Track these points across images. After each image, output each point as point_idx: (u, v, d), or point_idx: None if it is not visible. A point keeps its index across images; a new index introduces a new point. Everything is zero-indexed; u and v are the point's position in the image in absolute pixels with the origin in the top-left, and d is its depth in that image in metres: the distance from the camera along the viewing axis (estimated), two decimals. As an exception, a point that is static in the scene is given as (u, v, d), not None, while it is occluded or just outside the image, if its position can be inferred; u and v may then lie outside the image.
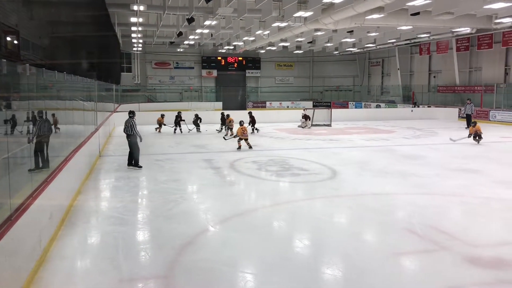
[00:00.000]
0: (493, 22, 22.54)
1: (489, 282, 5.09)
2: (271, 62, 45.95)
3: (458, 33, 27.13)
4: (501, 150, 15.33)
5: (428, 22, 21.61)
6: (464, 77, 31.58)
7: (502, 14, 20.36)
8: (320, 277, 5.32)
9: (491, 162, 12.77)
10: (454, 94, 32.00)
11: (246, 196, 9.63)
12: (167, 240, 6.44)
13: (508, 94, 27.57)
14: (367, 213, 7.90)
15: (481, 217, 7.64)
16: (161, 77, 43.52)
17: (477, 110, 26.63)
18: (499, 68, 28.60)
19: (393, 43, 33.33)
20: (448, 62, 32.40)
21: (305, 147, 16.37)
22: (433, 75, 35.50)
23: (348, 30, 26.55)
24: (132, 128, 11.72)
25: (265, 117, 26.64)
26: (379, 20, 20.76)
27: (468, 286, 5.03)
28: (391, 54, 39.33)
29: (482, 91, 28.85)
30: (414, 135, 20.04)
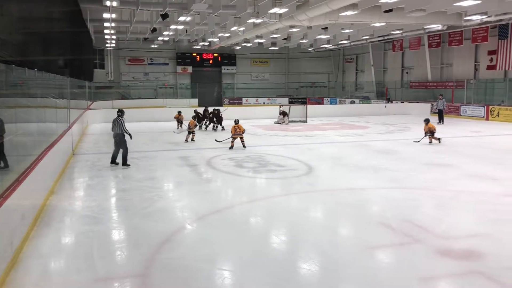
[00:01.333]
0: (463, 19, 23.11)
1: (460, 273, 5.24)
2: (246, 59, 45.93)
3: (430, 30, 27.68)
4: (471, 145, 15.74)
5: (401, 19, 21.97)
6: (436, 73, 32.25)
7: (472, 12, 20.86)
8: (297, 272, 5.38)
9: (462, 156, 13.10)
10: (426, 90, 32.64)
11: (223, 193, 9.63)
12: (144, 239, 6.39)
13: (478, 89, 28.31)
14: (342, 208, 8.02)
15: (452, 210, 7.85)
16: (135, 74, 42.97)
17: (449, 105, 27.25)
18: (469, 64, 29.32)
19: (366, 40, 33.76)
20: (420, 58, 33.02)
21: (281, 143, 16.46)
22: (406, 71, 36.12)
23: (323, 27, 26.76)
24: (121, 126, 11.56)
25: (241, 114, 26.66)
26: (353, 17, 21.00)
27: (440, 277, 5.16)
28: (364, 50, 39.83)
29: (453, 86, 29.52)
30: (387, 131, 20.38)
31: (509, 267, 5.30)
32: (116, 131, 11.65)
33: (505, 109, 24.21)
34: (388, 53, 37.95)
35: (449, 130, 20.26)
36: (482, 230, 6.75)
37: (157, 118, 25.88)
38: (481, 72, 28.44)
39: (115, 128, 11.66)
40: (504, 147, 15.06)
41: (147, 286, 4.99)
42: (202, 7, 19.92)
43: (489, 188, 9.17)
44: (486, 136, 18.19)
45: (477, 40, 27.13)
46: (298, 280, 5.15)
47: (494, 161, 12.36)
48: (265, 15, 20.61)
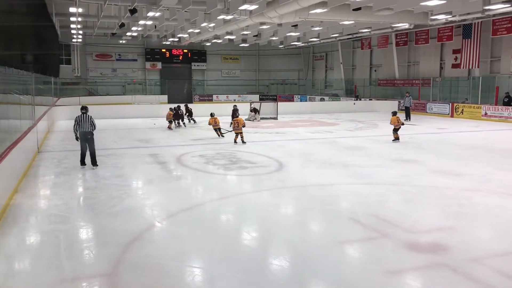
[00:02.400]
0: (429, 18, 23.66)
1: (427, 265, 5.37)
2: (217, 55, 45.72)
3: (397, 29, 28.21)
4: (437, 141, 16.15)
5: (369, 17, 22.31)
6: (403, 71, 32.93)
7: (437, 11, 21.38)
8: (268, 267, 5.39)
9: (428, 153, 13.43)
10: (394, 88, 33.30)
11: (194, 191, 9.56)
12: (112, 237, 6.28)
13: (443, 87, 29.08)
14: (313, 204, 8.09)
15: (419, 204, 8.04)
16: (102, 70, 42.16)
17: (415, 103, 27.89)
18: (435, 63, 30.07)
19: (336, 38, 34.14)
20: (388, 56, 33.65)
21: (252, 140, 16.46)
22: (374, 69, 36.75)
23: (293, 24, 26.90)
24: (92, 124, 10.95)
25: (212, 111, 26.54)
26: (322, 15, 21.18)
27: (407, 271, 5.28)
28: (334, 48, 40.28)
29: (420, 84, 30.23)
30: (356, 127, 20.69)
31: (473, 259, 5.47)
32: (86, 129, 10.93)
33: (469, 106, 24.96)
34: (357, 51, 38.51)
35: (415, 127, 20.73)
36: (447, 223, 6.94)
37: (126, 115, 25.47)
38: (446, 70, 29.22)
39: (85, 125, 10.93)
40: (467, 143, 15.52)
41: (116, 285, 4.91)
42: (172, 2, 19.70)
43: (453, 183, 9.43)
44: (451, 133, 18.72)
45: (442, 39, 27.85)
46: (269, 276, 5.17)
47: (458, 157, 12.72)
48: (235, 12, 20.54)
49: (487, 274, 5.08)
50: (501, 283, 4.85)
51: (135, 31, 32.14)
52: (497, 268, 5.20)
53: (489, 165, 11.32)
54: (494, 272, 5.11)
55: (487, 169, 10.83)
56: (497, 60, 25.78)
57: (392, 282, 5.01)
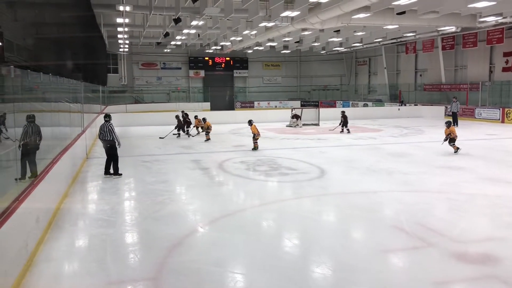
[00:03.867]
0: (477, 20, 22.83)
1: (476, 277, 5.16)
2: (258, 62, 45.98)
3: (443, 32, 27.42)
4: (485, 147, 15.52)
5: (414, 21, 21.79)
6: (450, 76, 31.92)
7: (486, 13, 20.62)
8: (310, 275, 5.34)
9: (476, 159, 12.92)
10: (440, 92, 32.32)
11: (235, 196, 9.62)
12: (156, 242, 6.41)
13: (493, 91, 27.94)
14: (355, 211, 7.95)
15: (467, 213, 7.74)
16: (148, 78, 43.29)
17: (463, 108, 26.94)
18: (484, 66, 28.95)
19: (379, 42, 33.55)
20: (434, 60, 32.72)
21: (293, 146, 16.41)
22: (419, 74, 35.82)
23: (335, 30, 26.69)
24: (111, 133, 10.84)
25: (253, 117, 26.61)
26: (365, 20, 20.89)
27: (455, 282, 5.09)
28: (377, 53, 39.60)
29: (468, 89, 29.18)
30: (401, 134, 20.21)
31: (526, 271, 5.20)
32: (106, 137, 10.85)
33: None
34: (401, 56, 37.68)
35: (463, 133, 20.00)
36: (498, 234, 6.64)
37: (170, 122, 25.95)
38: (496, 74, 28.06)
39: (105, 134, 10.85)
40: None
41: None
42: (214, 11, 20.00)
43: (504, 192, 9.02)
44: (502, 139, 17.93)
45: (492, 42, 26.80)
46: (310, 284, 5.11)
47: (509, 164, 12.17)
48: (277, 19, 20.61)
49: (542, 288, 4.82)
50: (558, 298, 4.59)
51: (179, 40, 32.84)
52: (553, 282, 4.92)
53: (543, 173, 10.76)
54: (549, 286, 4.84)
55: (542, 177, 10.30)
56: (552, 62, 24.54)
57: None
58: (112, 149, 10.95)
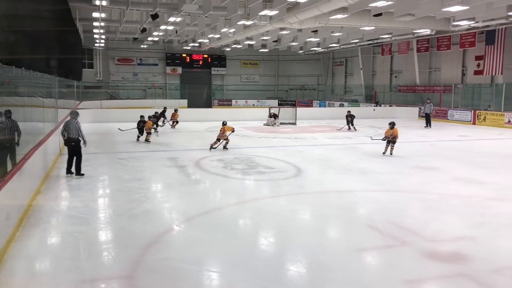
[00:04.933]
0: (451, 24, 23.34)
1: (447, 275, 5.28)
2: (236, 60, 45.92)
3: (418, 35, 27.91)
4: (457, 148, 15.89)
5: (390, 23, 22.13)
6: (424, 77, 32.54)
7: (459, 17, 21.08)
8: (285, 273, 5.38)
9: (449, 160, 13.22)
10: (415, 94, 32.92)
11: (212, 195, 9.60)
12: (131, 240, 6.34)
13: (465, 94, 28.63)
14: (331, 210, 8.04)
15: (439, 213, 7.91)
16: (124, 74, 42.72)
17: (436, 110, 27.51)
18: (456, 69, 29.63)
19: (356, 43, 33.94)
20: (409, 62, 33.30)
21: (270, 145, 16.47)
22: (395, 75, 36.39)
23: (313, 30, 26.84)
24: (77, 131, 10.28)
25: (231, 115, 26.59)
26: (342, 20, 21.09)
27: (426, 280, 5.20)
28: (354, 54, 40.05)
29: (441, 91, 29.81)
30: (376, 134, 20.48)
31: (495, 269, 5.35)
32: (72, 135, 10.32)
33: (491, 113, 24.51)
34: (377, 57, 38.22)
35: (436, 134, 20.45)
36: (469, 233, 6.81)
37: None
38: (468, 77, 28.75)
39: (71, 132, 10.31)
40: (490, 151, 15.23)
41: (134, 287, 4.96)
42: (193, 8, 19.88)
43: (476, 192, 9.26)
44: (473, 140, 18.39)
45: (464, 45, 27.44)
46: (286, 282, 5.15)
47: (481, 164, 12.49)
48: (255, 17, 20.63)
49: (509, 285, 4.97)
50: (524, 295, 4.74)
51: (156, 36, 32.51)
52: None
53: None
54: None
55: (511, 178, 10.60)
56: (522, 66, 25.29)
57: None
58: (76, 147, 10.43)
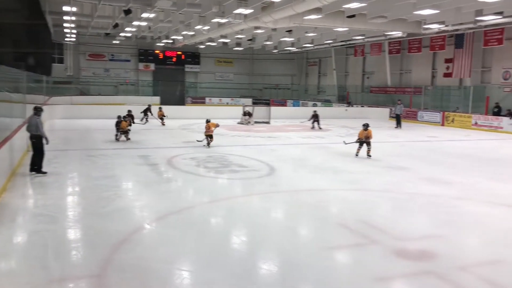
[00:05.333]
0: (422, 27, 23.86)
1: (414, 272, 5.41)
2: (211, 58, 45.71)
3: (390, 37, 28.40)
4: (426, 149, 16.25)
5: (363, 24, 22.45)
6: (395, 79, 33.15)
7: (430, 20, 21.57)
8: (257, 272, 5.39)
9: (418, 160, 13.52)
10: (386, 95, 33.48)
11: (184, 193, 9.53)
12: (101, 238, 6.24)
13: (435, 96, 29.31)
14: (303, 209, 8.10)
15: (408, 212, 8.09)
16: (95, 70, 41.93)
17: (407, 111, 28.06)
18: (427, 71, 30.30)
19: (329, 44, 34.26)
20: (381, 64, 33.85)
21: (244, 144, 16.47)
22: (367, 76, 36.94)
23: (287, 30, 26.98)
24: (37, 127, 9.96)
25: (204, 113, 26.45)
26: (316, 21, 21.28)
27: (394, 278, 5.31)
28: (327, 54, 40.43)
29: (412, 92, 30.42)
30: (348, 134, 20.74)
31: (460, 267, 5.51)
32: (32, 131, 10.03)
33: (459, 115, 25.17)
34: (350, 58, 38.69)
35: (406, 135, 20.87)
36: (436, 231, 6.99)
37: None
38: (438, 79, 29.46)
39: (31, 128, 10.02)
40: (458, 152, 15.65)
41: (103, 287, 4.88)
42: (166, 4, 19.67)
43: (443, 192, 9.50)
44: (441, 141, 18.85)
45: (435, 48, 28.08)
46: (257, 280, 5.17)
47: (448, 165, 12.82)
48: (230, 15, 20.57)
49: (474, 282, 5.12)
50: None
51: (129, 32, 32.04)
52: (484, 277, 5.25)
53: (478, 174, 11.42)
54: (480, 280, 5.16)
55: (476, 178, 10.93)
56: (488, 70, 26.04)
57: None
58: (37, 144, 10.10)
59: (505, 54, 24.45)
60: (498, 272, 5.41)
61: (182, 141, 16.85)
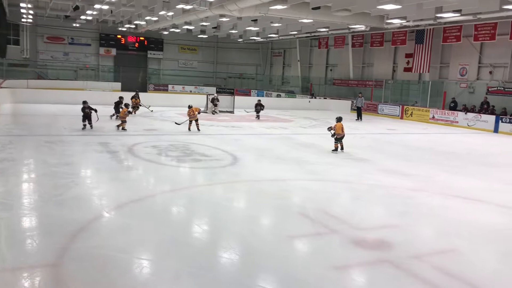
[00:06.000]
0: (385, 22, 24.32)
1: (371, 261, 5.56)
2: (174, 45, 45.00)
3: (354, 30, 28.81)
4: (386, 141, 16.68)
5: (327, 17, 22.65)
6: (358, 72, 33.72)
7: (393, 15, 22.01)
8: (217, 261, 5.40)
9: (377, 152, 13.85)
10: (348, 87, 34.03)
11: (145, 182, 9.38)
12: (57, 227, 6.07)
13: (395, 90, 30.03)
14: (265, 198, 8.16)
15: (367, 202, 8.29)
16: (53, 53, 40.47)
17: (367, 104, 28.64)
18: (388, 65, 30.98)
19: (294, 35, 34.42)
20: (344, 56, 34.33)
21: (207, 133, 16.37)
22: (330, 68, 37.39)
23: (253, 19, 26.89)
24: None
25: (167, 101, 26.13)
26: (282, 11, 21.31)
27: (352, 266, 5.44)
28: (292, 45, 40.62)
29: (373, 85, 31.06)
30: (310, 125, 21.02)
31: (415, 256, 5.70)
32: None
33: (418, 109, 25.92)
34: (314, 50, 39.02)
35: (366, 127, 21.32)
36: (392, 221, 7.20)
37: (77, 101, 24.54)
38: (398, 73, 30.18)
39: None
40: (415, 145, 16.13)
41: (59, 276, 4.76)
42: (130, -12, 19.18)
43: (400, 183, 9.78)
44: (400, 134, 19.38)
45: (396, 43, 28.71)
46: (218, 269, 5.18)
47: (406, 157, 13.20)
48: (195, 2, 20.31)
49: (427, 270, 5.32)
50: (439, 279, 5.09)
51: (90, 15, 31.09)
52: (436, 265, 5.46)
53: (434, 167, 11.81)
54: (433, 269, 5.36)
55: (432, 171, 11.30)
56: (446, 66, 26.90)
57: (338, 277, 5.15)
58: None
59: (462, 51, 25.31)
60: (450, 261, 5.63)
61: (143, 129, 16.57)
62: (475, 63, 24.93)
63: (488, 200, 8.68)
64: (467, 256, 5.86)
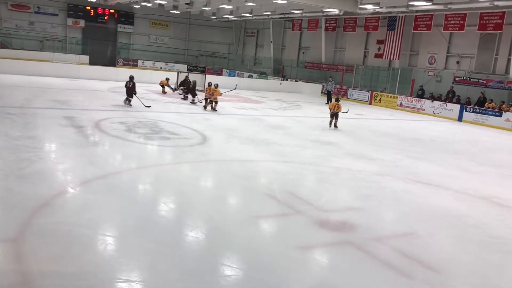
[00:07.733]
0: (358, 7, 24.46)
1: (334, 242, 5.70)
2: (145, 19, 43.90)
3: (327, 14, 28.85)
4: (354, 126, 16.94)
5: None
6: (330, 56, 33.88)
7: (367, 1, 22.15)
8: (183, 239, 5.42)
9: (345, 136, 14.07)
10: (319, 71, 34.19)
11: (111, 158, 9.25)
12: (19, 201, 5.93)
13: (365, 75, 30.40)
14: (232, 178, 8.20)
15: (332, 185, 8.45)
16: (18, 21, 38.80)
17: (338, 88, 28.91)
18: (359, 51, 31.25)
19: (268, 16, 34.18)
20: (317, 40, 34.38)
21: (177, 111, 16.21)
22: (302, 51, 37.41)
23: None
24: None
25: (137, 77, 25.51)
26: (257, -10, 21.08)
27: (316, 246, 5.56)
28: (266, 26, 40.34)
29: (344, 70, 31.33)
30: (280, 107, 21.09)
31: (376, 238, 5.87)
32: None
33: (386, 95, 26.38)
34: (287, 32, 38.88)
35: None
36: (356, 204, 7.38)
37: (42, 73, 23.81)
38: (369, 59, 30.51)
39: None
40: (382, 130, 16.47)
41: (21, 251, 4.67)
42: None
43: (365, 167, 9.99)
44: (368, 119, 19.72)
45: (368, 29, 28.94)
46: (183, 247, 5.20)
47: (372, 142, 13.46)
48: (168, -24, 19.81)
49: (387, 252, 5.50)
50: (399, 261, 5.28)
51: (57, -16, 29.89)
52: (396, 247, 5.64)
53: (399, 152, 12.11)
54: (393, 251, 5.54)
55: (397, 156, 11.59)
56: (416, 54, 27.38)
57: (302, 257, 5.26)
58: None
59: (432, 39, 25.79)
60: (410, 244, 5.84)
61: (111, 104, 16.24)
62: (444, 52, 25.48)
63: (448, 186, 9.00)
64: (425, 239, 6.08)
